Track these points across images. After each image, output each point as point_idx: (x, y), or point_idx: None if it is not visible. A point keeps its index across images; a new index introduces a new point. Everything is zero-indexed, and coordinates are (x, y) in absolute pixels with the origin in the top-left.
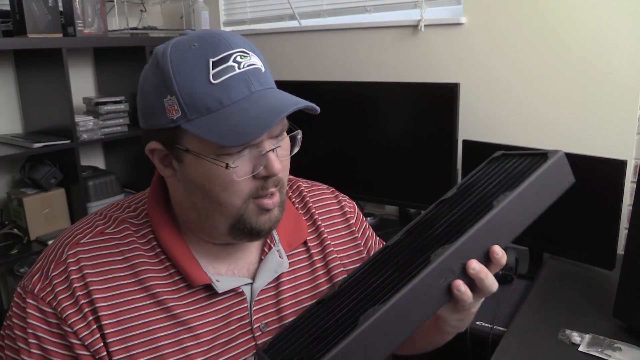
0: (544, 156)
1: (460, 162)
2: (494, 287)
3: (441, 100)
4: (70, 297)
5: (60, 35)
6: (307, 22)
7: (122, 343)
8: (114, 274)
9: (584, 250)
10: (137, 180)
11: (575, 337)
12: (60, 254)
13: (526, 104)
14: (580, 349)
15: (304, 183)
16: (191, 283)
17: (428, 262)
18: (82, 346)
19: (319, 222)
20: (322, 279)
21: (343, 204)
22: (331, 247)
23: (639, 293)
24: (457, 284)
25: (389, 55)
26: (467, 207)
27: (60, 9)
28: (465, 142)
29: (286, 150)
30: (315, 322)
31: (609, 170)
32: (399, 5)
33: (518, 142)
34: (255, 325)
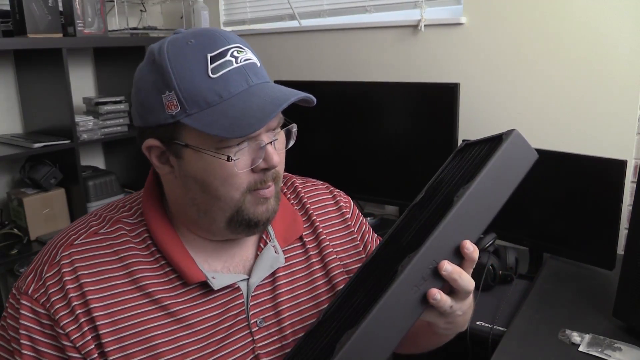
0: (500, 139)
1: None
2: (471, 285)
3: (441, 100)
4: (62, 298)
5: (60, 35)
6: (307, 22)
7: (118, 343)
8: (108, 274)
9: (584, 250)
10: (137, 180)
11: (575, 337)
12: (54, 255)
13: (526, 104)
14: (580, 349)
15: (298, 179)
16: (187, 281)
17: (395, 276)
18: (73, 348)
19: (314, 217)
20: (319, 273)
21: (338, 199)
22: (327, 242)
23: (639, 293)
24: (432, 293)
25: (389, 55)
26: (433, 209)
27: (60, 9)
28: None
29: (282, 143)
30: (302, 355)
31: (609, 170)
32: (399, 5)
33: None
34: (252, 321)
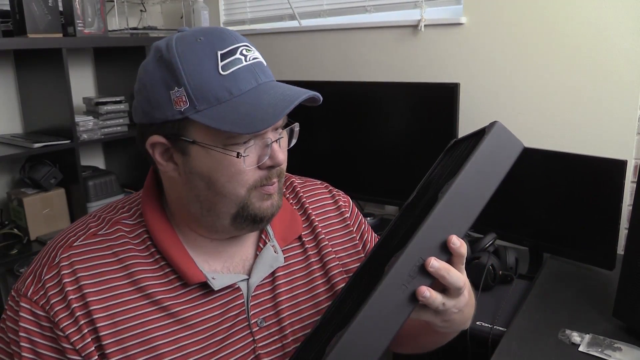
0: (482, 132)
1: None
2: (460, 281)
3: (441, 100)
4: (62, 300)
5: (60, 35)
6: (307, 22)
7: (119, 344)
8: (107, 276)
9: (584, 250)
10: (137, 180)
11: (575, 337)
12: (53, 257)
13: (526, 104)
14: (580, 349)
15: (297, 179)
16: (187, 281)
17: (382, 276)
18: (73, 350)
19: (313, 217)
20: (318, 273)
21: (337, 199)
22: (326, 242)
23: (639, 293)
24: (421, 291)
25: (389, 55)
26: (421, 208)
27: (60, 9)
28: None
29: (286, 142)
30: None
31: (609, 170)
32: (399, 5)
33: None
34: (252, 321)
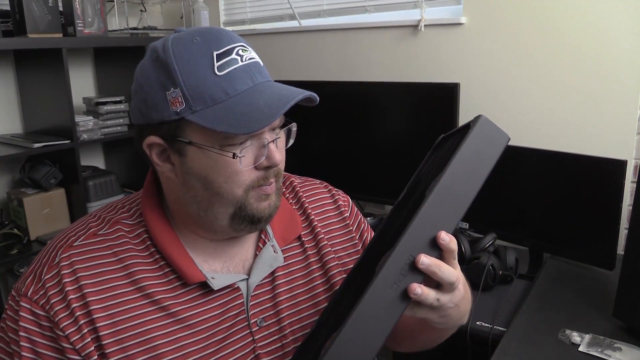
0: (467, 127)
1: None
2: (452, 276)
3: (441, 100)
4: (62, 300)
5: (60, 35)
6: (307, 22)
7: (119, 344)
8: (107, 276)
9: (584, 250)
10: (137, 180)
11: (575, 337)
12: (53, 257)
13: (526, 104)
14: (580, 349)
15: (297, 179)
16: (186, 281)
17: (373, 276)
18: (73, 350)
19: (312, 216)
20: (317, 273)
21: (337, 198)
22: (325, 242)
23: (639, 293)
24: (412, 288)
25: (389, 55)
26: (409, 206)
27: (60, 9)
28: None
29: (283, 142)
30: None
31: (609, 170)
32: (399, 5)
33: (518, 142)
34: (252, 321)
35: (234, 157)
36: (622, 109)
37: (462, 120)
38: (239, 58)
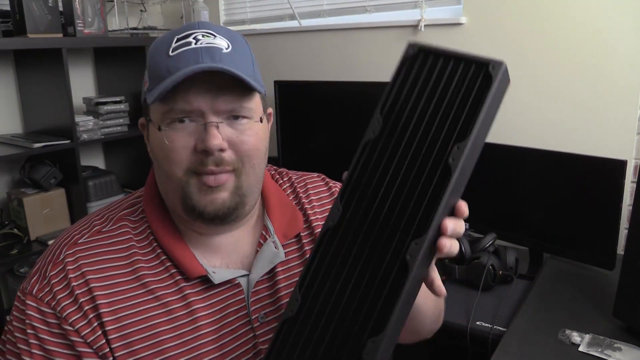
0: (486, 72)
1: None
2: (462, 229)
3: None
4: (69, 295)
5: (60, 35)
6: (307, 22)
7: (124, 339)
8: (112, 272)
9: (584, 250)
10: (137, 180)
11: (575, 337)
12: (58, 254)
13: (526, 104)
14: (580, 349)
15: (294, 174)
16: (187, 275)
17: (406, 268)
18: (84, 343)
19: (309, 211)
20: None
21: (334, 190)
22: None
23: (639, 293)
24: (442, 244)
25: (389, 55)
26: (410, 162)
27: (60, 9)
28: None
29: (242, 133)
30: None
31: (609, 170)
32: (399, 5)
33: (518, 142)
34: (253, 317)
35: (159, 130)
36: (622, 109)
37: None
38: (194, 42)
